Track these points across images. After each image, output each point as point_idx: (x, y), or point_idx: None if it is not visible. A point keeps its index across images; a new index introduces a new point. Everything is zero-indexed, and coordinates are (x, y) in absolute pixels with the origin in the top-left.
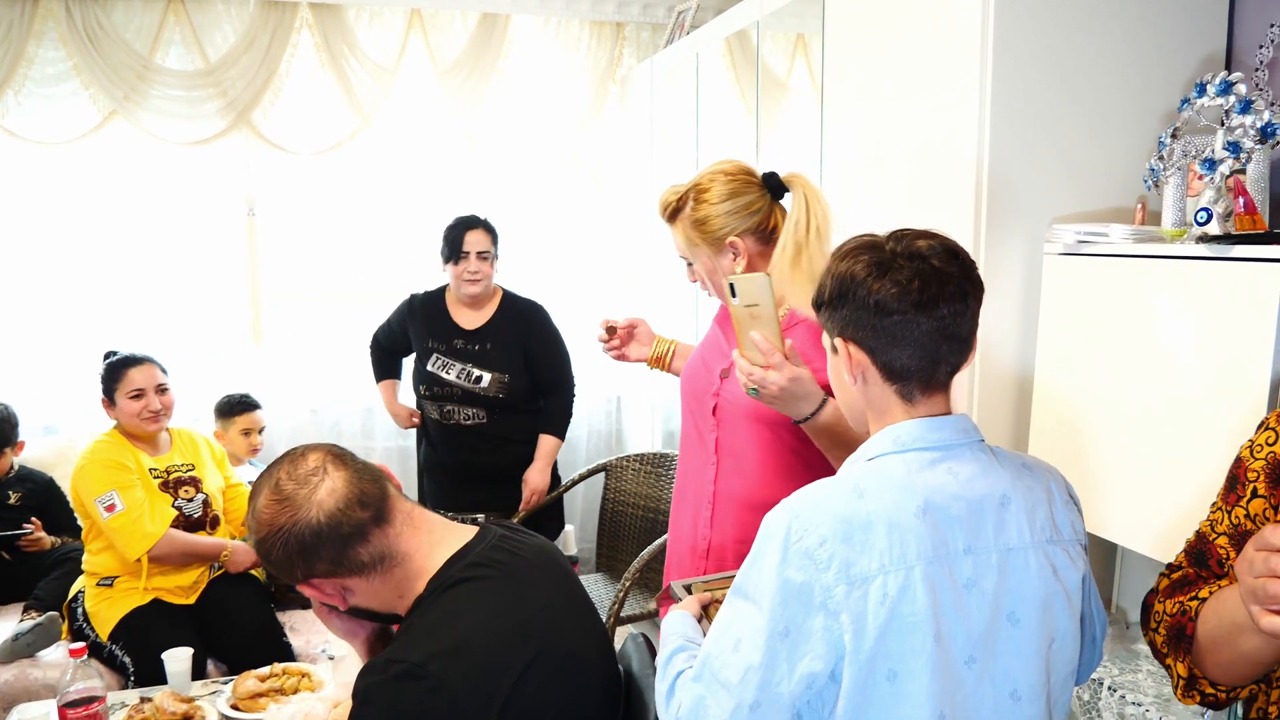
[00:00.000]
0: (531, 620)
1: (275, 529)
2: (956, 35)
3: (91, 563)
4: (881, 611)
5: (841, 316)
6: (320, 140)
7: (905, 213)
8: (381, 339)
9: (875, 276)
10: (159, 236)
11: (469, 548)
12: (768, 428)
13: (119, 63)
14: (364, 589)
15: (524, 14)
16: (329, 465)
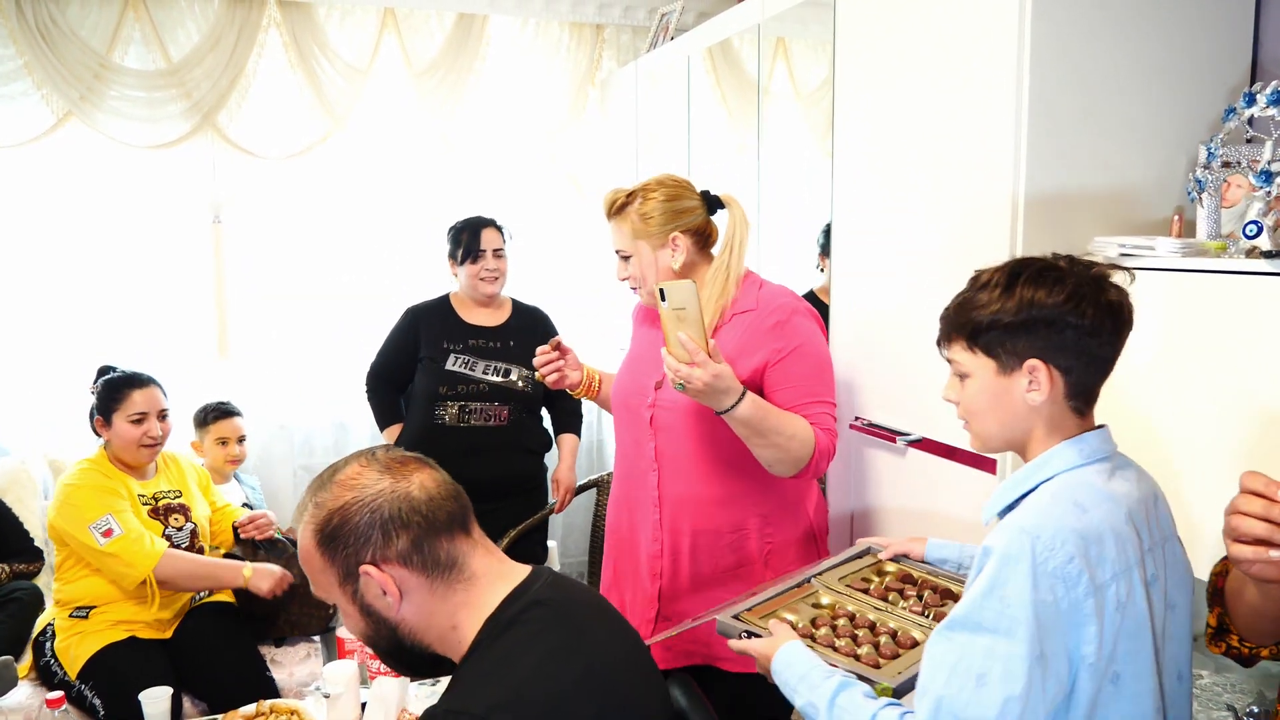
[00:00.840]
0: (593, 670)
1: (368, 493)
2: (990, 50)
3: (66, 591)
4: (1117, 618)
5: (1039, 340)
6: (290, 144)
7: (934, 227)
8: (380, 371)
9: (1083, 302)
10: (119, 245)
11: (526, 585)
12: (705, 425)
13: (74, 61)
14: (421, 599)
15: (502, 15)
16: (422, 462)
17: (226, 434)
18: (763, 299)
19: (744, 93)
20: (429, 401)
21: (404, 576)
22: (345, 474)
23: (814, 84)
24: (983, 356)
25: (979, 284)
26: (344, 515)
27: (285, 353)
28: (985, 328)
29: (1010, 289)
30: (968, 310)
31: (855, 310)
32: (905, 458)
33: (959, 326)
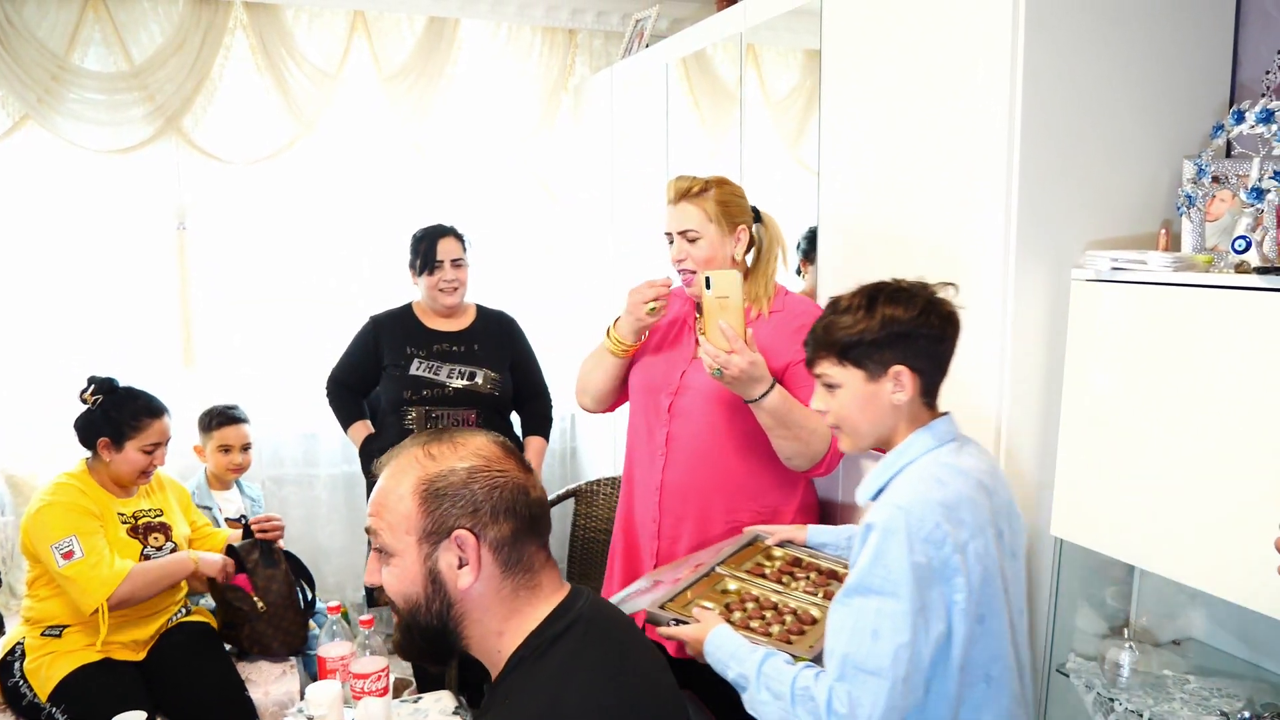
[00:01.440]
0: (635, 691)
1: (494, 468)
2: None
3: (38, 609)
4: (978, 568)
5: (906, 351)
6: (257, 149)
7: (925, 238)
8: (341, 375)
9: (931, 315)
10: (80, 252)
11: (569, 603)
12: (721, 415)
13: (31, 62)
14: (489, 588)
15: (473, 19)
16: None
17: (230, 441)
18: (788, 304)
19: (717, 99)
20: (395, 408)
21: (488, 562)
22: (472, 440)
23: (783, 91)
24: (852, 368)
25: (840, 309)
26: (463, 478)
27: (252, 362)
28: (854, 344)
29: (872, 310)
30: (835, 331)
31: None
32: None
33: (828, 346)
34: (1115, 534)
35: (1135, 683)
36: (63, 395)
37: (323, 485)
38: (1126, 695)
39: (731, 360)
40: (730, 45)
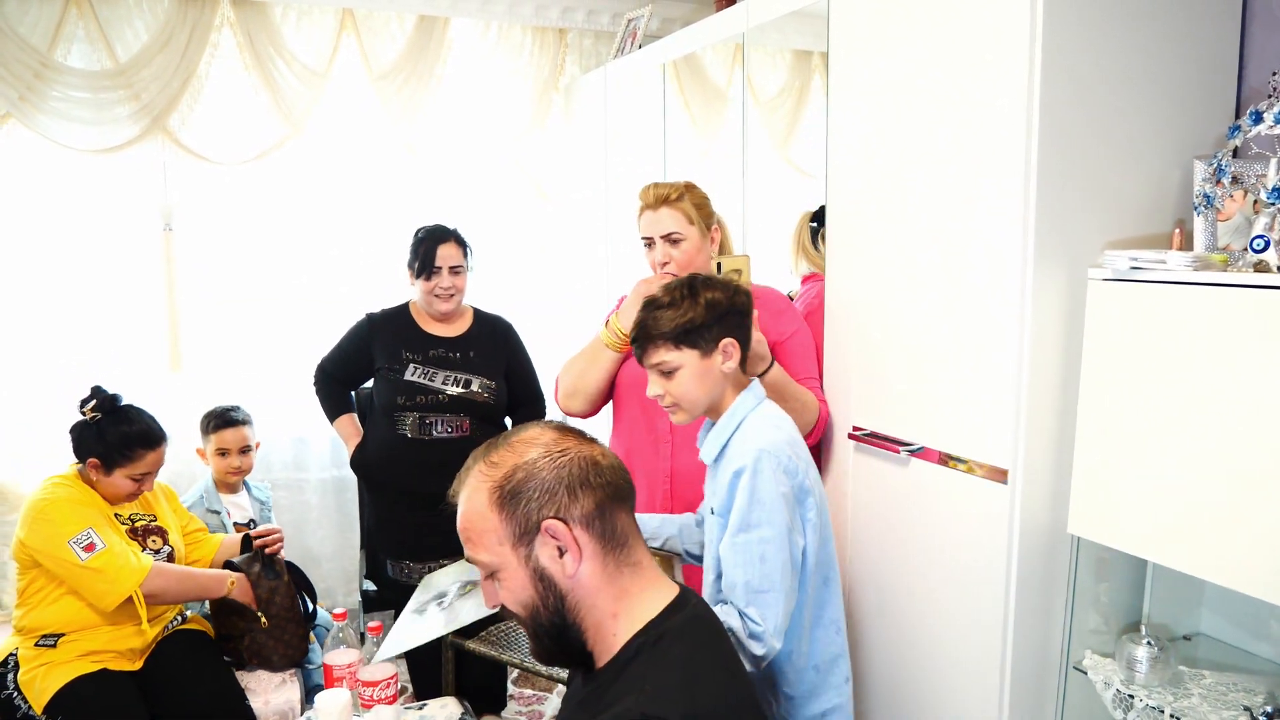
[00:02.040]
0: (746, 688)
1: (554, 450)
2: (999, 61)
3: (31, 618)
4: (817, 489)
5: (729, 326)
6: (245, 149)
7: (937, 238)
8: (330, 368)
9: (740, 295)
10: (64, 253)
11: (684, 599)
12: None
13: (12, 59)
14: (593, 568)
15: (463, 17)
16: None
17: (228, 444)
18: (759, 292)
19: (708, 99)
20: (388, 413)
21: (585, 540)
22: (525, 434)
23: (772, 92)
24: (688, 350)
25: (663, 305)
26: (529, 470)
27: (240, 366)
28: (687, 328)
29: (696, 298)
30: (666, 323)
31: (852, 320)
32: (907, 468)
33: (662, 336)
34: (1133, 531)
35: (1153, 679)
36: (49, 400)
37: (313, 489)
38: (1145, 691)
39: None
40: (723, 46)
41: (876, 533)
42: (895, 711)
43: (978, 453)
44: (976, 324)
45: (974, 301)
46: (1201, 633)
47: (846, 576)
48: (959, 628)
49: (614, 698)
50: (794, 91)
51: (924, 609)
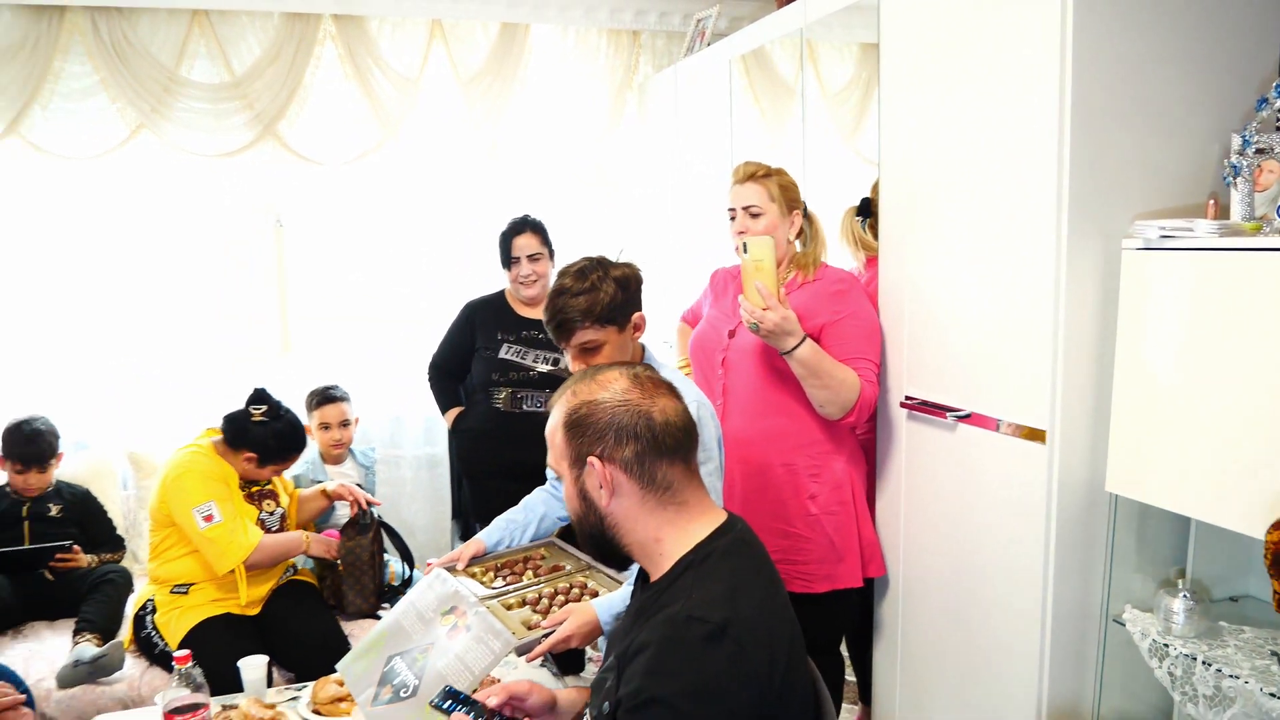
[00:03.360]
0: (785, 603)
1: (614, 399)
2: (1033, 38)
3: (165, 570)
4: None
5: (633, 301)
6: (346, 151)
7: (980, 213)
8: (440, 361)
9: (634, 269)
10: (188, 249)
11: (730, 525)
12: (767, 367)
13: (145, 76)
14: (632, 502)
15: (543, 23)
16: (669, 391)
17: (329, 418)
18: (825, 274)
19: (776, 93)
20: (484, 388)
21: (621, 481)
22: (604, 375)
23: (840, 84)
24: (610, 328)
25: (576, 292)
26: (590, 409)
27: (344, 349)
28: (606, 307)
29: (605, 278)
30: (584, 305)
31: (903, 296)
32: (955, 433)
33: (583, 317)
34: (1168, 487)
35: (1189, 631)
36: (178, 380)
37: (408, 465)
38: (1181, 641)
39: (765, 315)
40: (789, 41)
41: (927, 495)
42: (942, 663)
43: (1018, 415)
44: (1016, 295)
45: (1014, 274)
46: (1250, 595)
47: (899, 537)
48: (1002, 583)
49: (665, 603)
50: (861, 83)
51: (970, 565)
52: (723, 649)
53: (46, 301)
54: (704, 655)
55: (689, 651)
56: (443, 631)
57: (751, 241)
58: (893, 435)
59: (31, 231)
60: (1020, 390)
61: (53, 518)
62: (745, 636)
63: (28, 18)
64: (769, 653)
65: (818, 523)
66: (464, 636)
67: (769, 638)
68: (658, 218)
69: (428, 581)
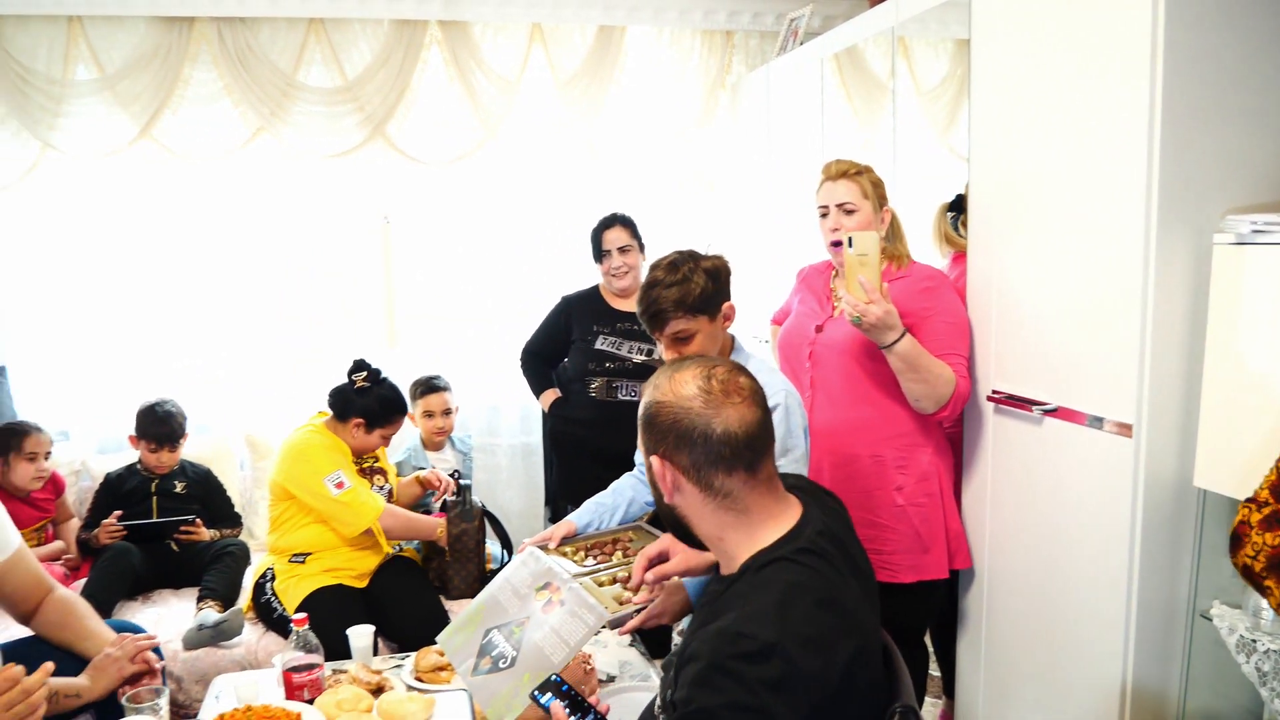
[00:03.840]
0: (850, 614)
1: (679, 406)
2: (1123, 34)
3: (285, 540)
4: None
5: (724, 291)
6: (450, 151)
7: (1069, 208)
8: (534, 348)
9: (722, 260)
10: (302, 245)
11: (799, 529)
12: (855, 360)
13: (265, 81)
14: (694, 501)
15: (639, 25)
16: (751, 397)
17: (432, 407)
18: (914, 270)
19: (869, 91)
20: (580, 378)
21: (681, 482)
22: (681, 375)
23: (934, 81)
24: (701, 318)
25: (669, 283)
26: (657, 410)
27: (445, 341)
28: (697, 298)
29: (696, 270)
30: (675, 296)
31: (991, 292)
32: (1041, 427)
33: (674, 308)
34: (1258, 482)
35: (1279, 627)
36: (292, 367)
37: (503, 453)
38: (1270, 638)
39: (869, 309)
40: (882, 39)
41: (1013, 488)
42: (1026, 656)
43: (1106, 410)
44: (1105, 290)
45: (1103, 269)
46: None
47: (985, 529)
48: (1088, 577)
49: (722, 609)
50: (956, 80)
51: (1056, 559)
52: (768, 668)
53: (174, 294)
54: (748, 673)
55: (734, 669)
56: (537, 606)
57: (856, 236)
58: (980, 428)
59: (161, 227)
60: (1108, 385)
61: (178, 494)
62: (794, 652)
63: (160, 29)
64: (824, 662)
65: (904, 514)
66: (559, 611)
67: (826, 647)
68: (751, 215)
69: (521, 559)
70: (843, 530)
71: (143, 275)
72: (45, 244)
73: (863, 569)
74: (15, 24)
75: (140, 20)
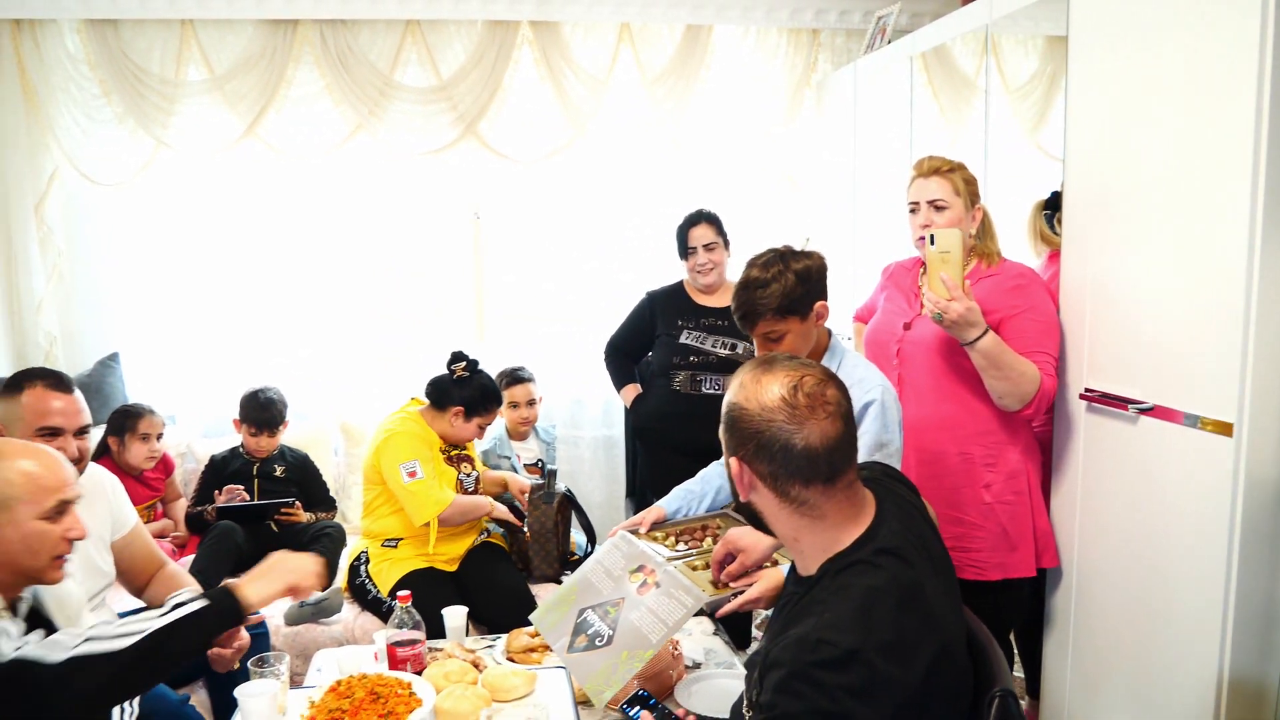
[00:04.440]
0: (932, 613)
1: (763, 412)
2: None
3: (379, 525)
4: None
5: (817, 291)
6: (539, 148)
7: (1168, 205)
8: (618, 342)
9: (820, 259)
10: (395, 239)
11: (874, 529)
12: (943, 357)
13: (364, 81)
14: (769, 502)
15: (726, 24)
16: (837, 411)
17: (518, 398)
18: (1005, 269)
19: (955, 89)
20: (664, 372)
21: (758, 485)
22: (769, 377)
23: (1022, 78)
24: (791, 319)
25: (761, 283)
26: (739, 414)
27: (531, 334)
28: (786, 299)
29: (786, 271)
30: (765, 298)
31: (1085, 290)
32: (1136, 425)
33: (765, 309)
34: None
35: None
36: (385, 358)
37: (586, 445)
38: None
39: (951, 306)
40: (972, 37)
41: (1105, 487)
42: (1116, 656)
43: (1204, 408)
44: (1206, 288)
45: (1204, 266)
46: None
47: (1074, 528)
48: (1183, 577)
49: (801, 614)
50: (1045, 77)
51: (1149, 558)
52: (849, 675)
53: (277, 285)
54: (829, 680)
55: (815, 676)
56: (632, 588)
57: (939, 233)
58: (1070, 427)
59: (265, 223)
60: (1208, 383)
61: (277, 477)
62: (876, 659)
63: (267, 31)
64: (906, 666)
65: (991, 511)
66: (655, 592)
67: (908, 651)
68: (835, 213)
69: (613, 543)
70: (918, 522)
71: (247, 267)
72: (157, 236)
73: (940, 559)
74: (132, 28)
75: (248, 23)
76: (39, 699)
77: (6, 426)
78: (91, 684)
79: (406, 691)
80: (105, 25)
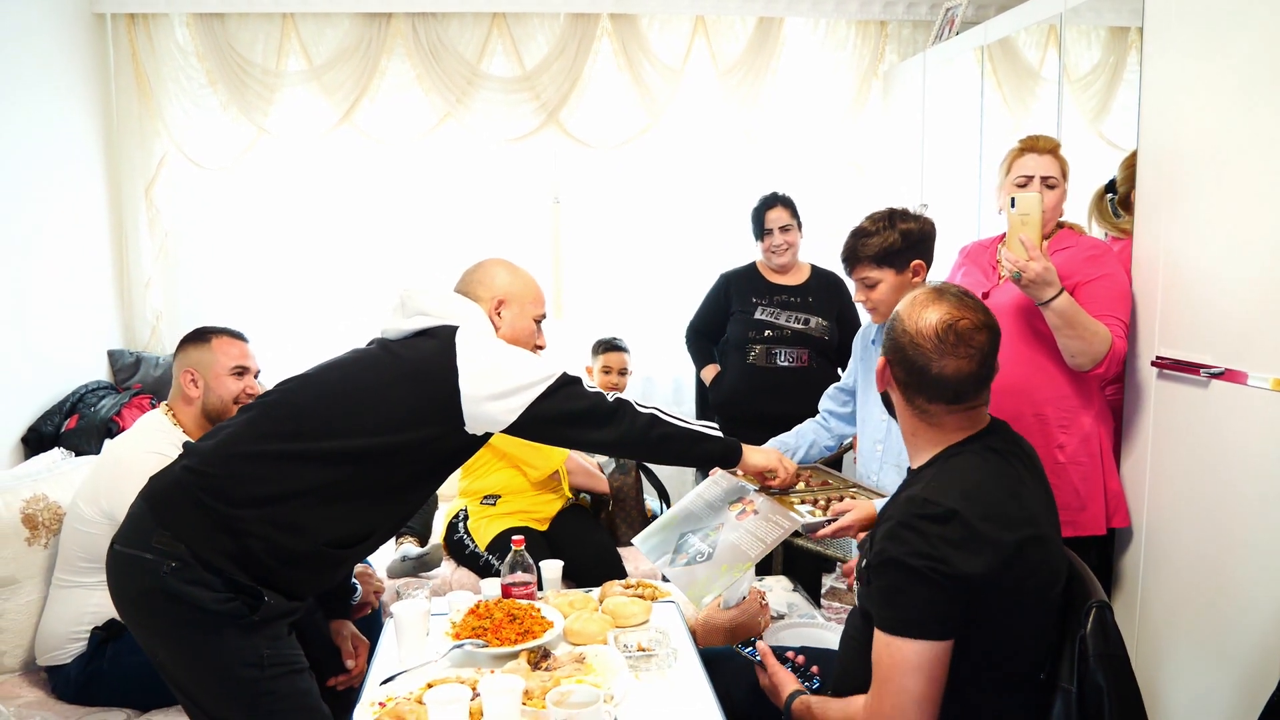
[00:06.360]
0: (1026, 505)
1: (916, 335)
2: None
3: (478, 484)
4: None
5: (920, 250)
6: (616, 135)
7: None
8: (697, 324)
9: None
10: (481, 221)
11: (984, 433)
12: (1020, 322)
13: (453, 71)
14: (899, 400)
15: (796, 16)
16: (978, 354)
17: (611, 364)
18: (1081, 240)
19: (1019, 80)
20: (740, 347)
21: (893, 384)
22: (936, 307)
23: (1085, 69)
24: (887, 269)
25: (869, 232)
26: (898, 324)
27: (608, 317)
28: (884, 251)
29: (892, 227)
30: (872, 248)
31: (1159, 261)
32: (1208, 389)
33: (866, 256)
34: None
35: None
36: None
37: None
38: None
39: (1029, 265)
40: (1036, 28)
41: (1176, 451)
42: (1184, 618)
43: (1277, 370)
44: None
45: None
46: None
47: (1144, 491)
48: (1254, 540)
49: (911, 484)
50: (1108, 68)
51: (1219, 521)
52: (949, 528)
53: (368, 267)
54: (930, 530)
55: (919, 526)
56: (731, 515)
57: (1019, 197)
58: (1141, 394)
59: (359, 206)
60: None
61: None
62: (975, 521)
63: (362, 24)
64: (1000, 533)
65: (1064, 470)
66: (753, 518)
67: (1004, 522)
68: (900, 199)
69: (713, 479)
70: (1026, 447)
71: (340, 248)
72: (257, 218)
73: (1041, 478)
74: (237, 21)
75: (345, 16)
76: (617, 414)
77: (199, 369)
78: (651, 430)
79: (538, 614)
80: (213, 19)
